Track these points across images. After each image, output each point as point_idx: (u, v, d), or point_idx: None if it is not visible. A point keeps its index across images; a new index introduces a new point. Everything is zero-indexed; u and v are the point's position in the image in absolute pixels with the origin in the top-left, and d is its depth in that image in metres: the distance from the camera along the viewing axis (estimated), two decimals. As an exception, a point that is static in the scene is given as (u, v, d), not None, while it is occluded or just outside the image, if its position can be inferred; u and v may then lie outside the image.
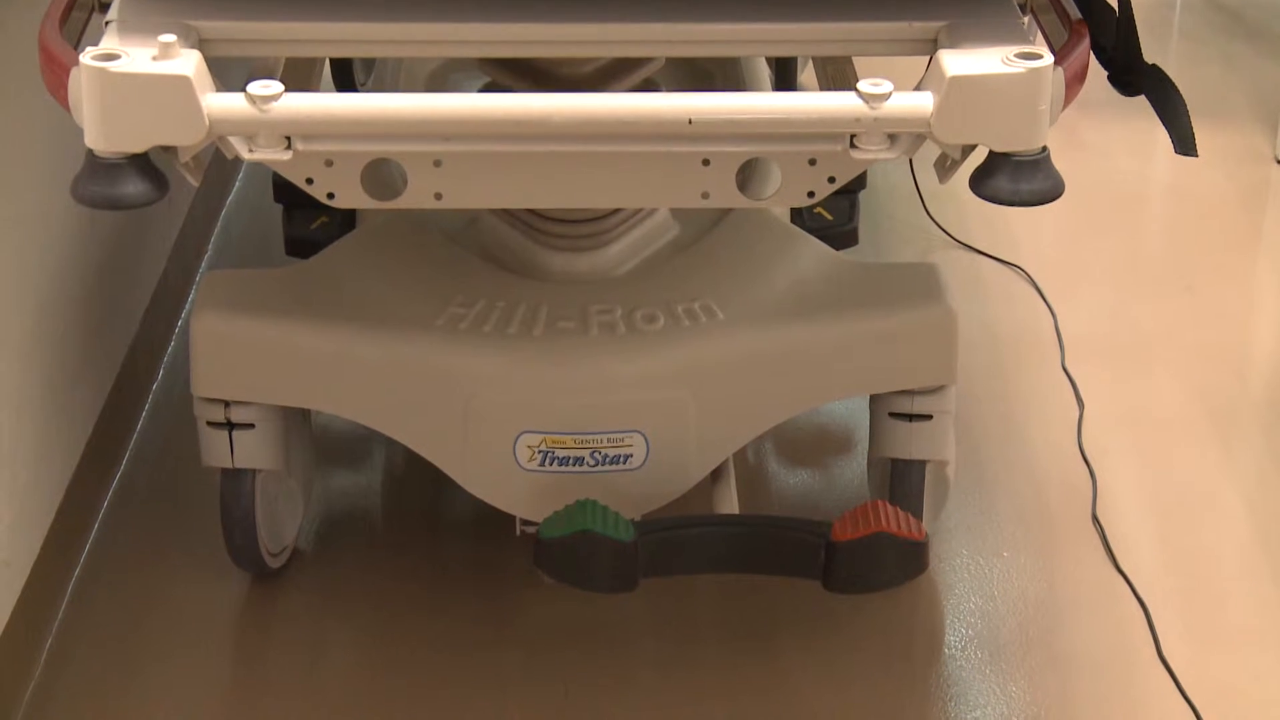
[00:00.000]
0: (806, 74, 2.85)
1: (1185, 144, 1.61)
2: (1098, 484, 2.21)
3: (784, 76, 2.53)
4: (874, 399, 1.97)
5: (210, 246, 2.70)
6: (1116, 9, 1.65)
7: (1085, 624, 2.00)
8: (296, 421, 1.99)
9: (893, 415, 1.95)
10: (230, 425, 1.89)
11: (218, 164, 2.69)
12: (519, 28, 1.56)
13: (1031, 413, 2.35)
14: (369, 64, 2.66)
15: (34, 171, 1.97)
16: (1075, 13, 1.65)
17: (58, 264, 2.05)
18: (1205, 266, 2.71)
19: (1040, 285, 2.63)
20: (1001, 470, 2.24)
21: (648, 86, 1.95)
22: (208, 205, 2.72)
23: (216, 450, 1.91)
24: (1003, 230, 2.77)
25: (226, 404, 1.89)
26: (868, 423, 2.00)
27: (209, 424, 1.90)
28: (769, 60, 2.47)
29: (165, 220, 2.49)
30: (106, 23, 1.55)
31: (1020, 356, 2.48)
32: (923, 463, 1.96)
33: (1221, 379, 2.43)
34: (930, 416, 1.94)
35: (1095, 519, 2.15)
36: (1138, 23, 1.66)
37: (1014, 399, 2.38)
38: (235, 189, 2.87)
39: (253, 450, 1.91)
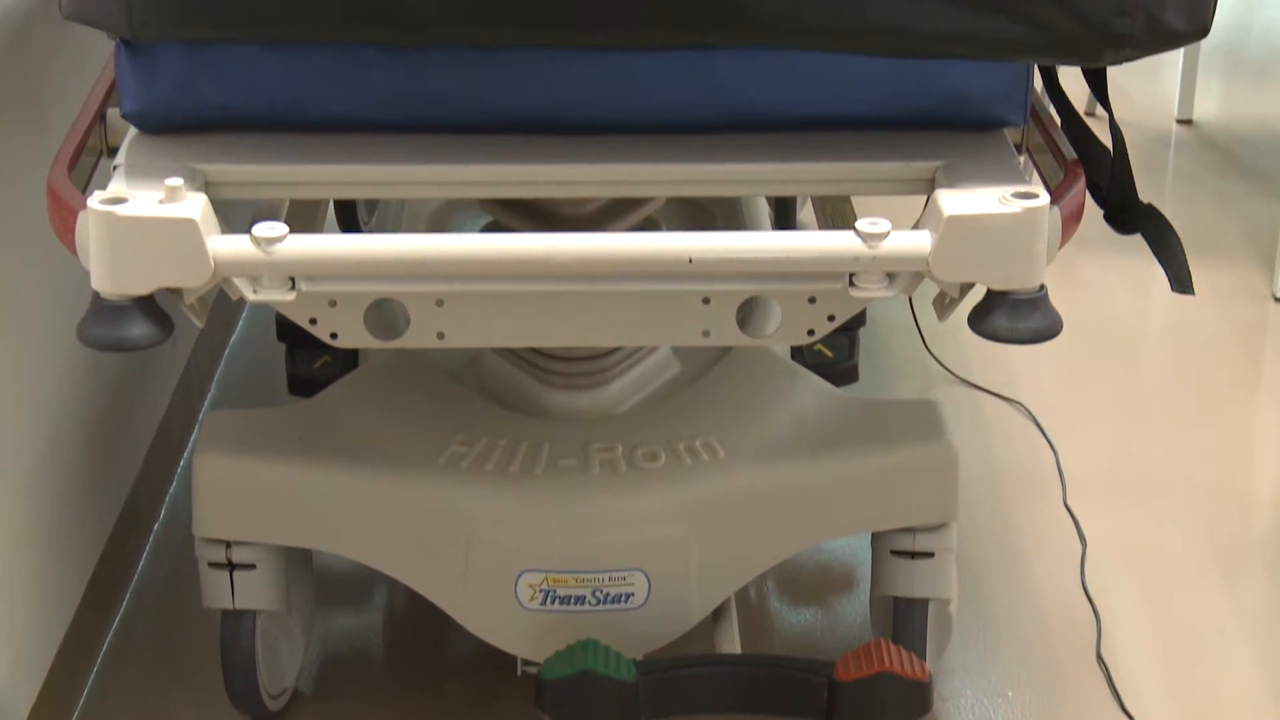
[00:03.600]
0: (805, 210, 2.87)
1: (1182, 282, 1.63)
2: (1102, 623, 2.20)
3: (783, 214, 2.55)
4: (875, 536, 1.97)
5: (214, 385, 2.71)
6: (1111, 149, 1.67)
7: (1091, 763, 1.98)
8: (298, 561, 1.99)
9: (894, 553, 1.95)
10: (231, 566, 1.89)
11: (221, 303, 2.71)
12: (520, 169, 1.58)
13: (1034, 550, 2.35)
14: (372, 204, 2.68)
15: (38, 312, 1.98)
16: (1070, 152, 1.67)
17: (61, 404, 2.06)
18: (1205, 403, 2.72)
19: (1041, 421, 2.64)
20: (1004, 609, 2.23)
21: (648, 225, 1.96)
22: (211, 344, 2.73)
23: (217, 591, 1.91)
24: (1003, 366, 2.78)
25: (228, 544, 1.89)
26: (869, 560, 2.00)
27: (210, 564, 1.90)
28: (768, 197, 2.49)
29: (169, 360, 2.50)
30: (114, 167, 1.57)
31: (1022, 493, 2.47)
32: (925, 601, 1.96)
33: (1225, 517, 2.43)
34: (932, 554, 1.94)
35: (1100, 658, 2.14)
36: (1132, 162, 1.68)
37: (1016, 536, 2.38)
38: (239, 328, 2.89)
39: (254, 591, 1.91)
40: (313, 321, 1.55)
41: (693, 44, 1.53)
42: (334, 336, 1.56)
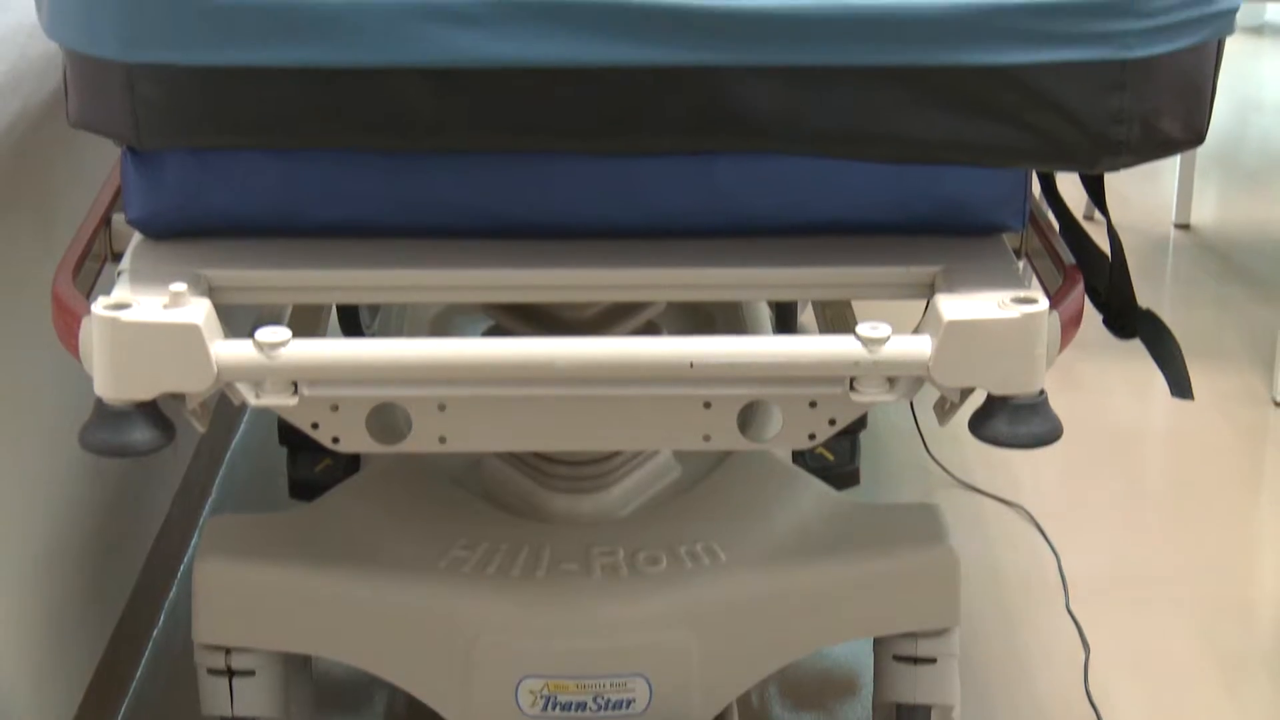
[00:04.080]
0: (807, 312, 2.88)
1: (1181, 388, 1.63)
2: (1105, 728, 2.19)
3: (784, 317, 2.56)
4: (878, 642, 1.96)
5: (214, 489, 2.71)
6: (1110, 254, 1.68)
7: None
8: (297, 668, 1.98)
9: (897, 658, 1.94)
10: (231, 672, 1.88)
11: (223, 406, 2.71)
12: (521, 274, 1.59)
13: (1037, 656, 2.34)
14: (375, 307, 2.69)
15: (40, 417, 1.98)
16: (1069, 257, 1.67)
17: (61, 507, 2.05)
18: (1207, 508, 2.71)
19: (1043, 525, 2.63)
20: (1008, 715, 2.21)
21: (649, 329, 1.97)
22: (212, 448, 2.73)
23: (217, 699, 1.90)
24: (1004, 470, 2.78)
25: (227, 650, 1.88)
26: (872, 666, 1.99)
27: (209, 671, 1.89)
28: (769, 301, 2.50)
29: (170, 464, 2.50)
30: (119, 272, 1.58)
31: (1024, 598, 2.47)
32: (928, 707, 1.94)
33: (1228, 623, 2.42)
34: (934, 660, 1.93)
35: (1104, 764, 2.13)
36: (1131, 266, 1.69)
37: (1019, 641, 2.37)
38: (240, 431, 2.89)
39: (253, 698, 1.89)
40: (314, 426, 1.55)
41: (694, 150, 1.54)
42: (336, 441, 1.56)
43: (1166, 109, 1.51)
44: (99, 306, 1.47)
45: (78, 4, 1.48)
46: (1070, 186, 1.78)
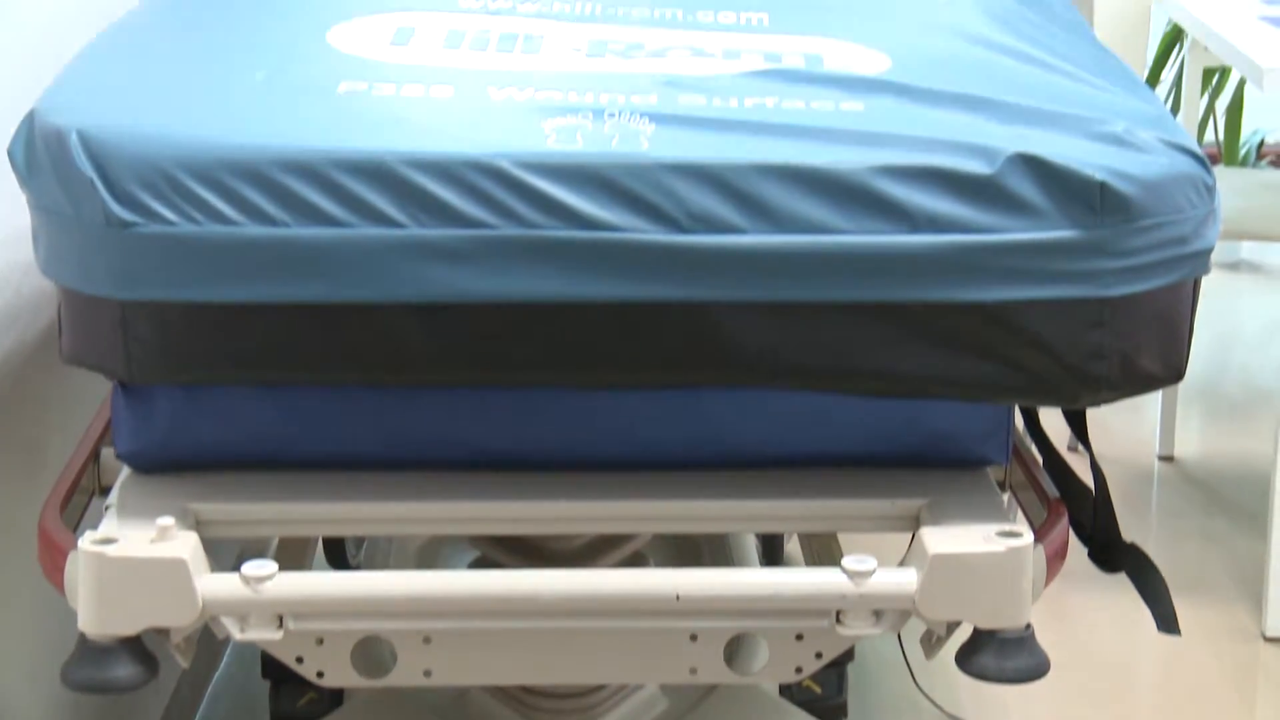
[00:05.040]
0: (792, 542, 2.88)
1: (1167, 623, 1.63)
2: None
3: (771, 547, 2.56)
4: None
5: (196, 724, 2.67)
6: (1093, 487, 1.69)
7: None
8: None
9: None
10: None
11: (206, 638, 2.69)
12: (508, 506, 1.59)
13: None
14: (360, 538, 2.69)
15: (20, 653, 1.97)
16: (1053, 491, 1.68)
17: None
18: (1198, 742, 2.69)
19: (1033, 761, 2.60)
20: None
21: (635, 560, 1.97)
22: (195, 681, 2.70)
23: None
24: (993, 702, 2.75)
25: None
26: None
27: None
28: (755, 532, 2.50)
29: (151, 699, 2.47)
30: (106, 507, 1.58)
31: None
32: None
33: None
34: None
35: None
36: (1116, 498, 1.70)
37: None
38: (223, 664, 2.86)
39: None
40: (299, 660, 1.54)
41: (680, 384, 1.56)
42: (321, 675, 1.55)
43: (1145, 346, 1.53)
44: (86, 541, 1.47)
45: (74, 244, 1.50)
46: (1053, 417, 1.80)
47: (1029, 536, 1.52)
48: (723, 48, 1.75)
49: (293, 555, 2.05)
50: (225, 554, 1.59)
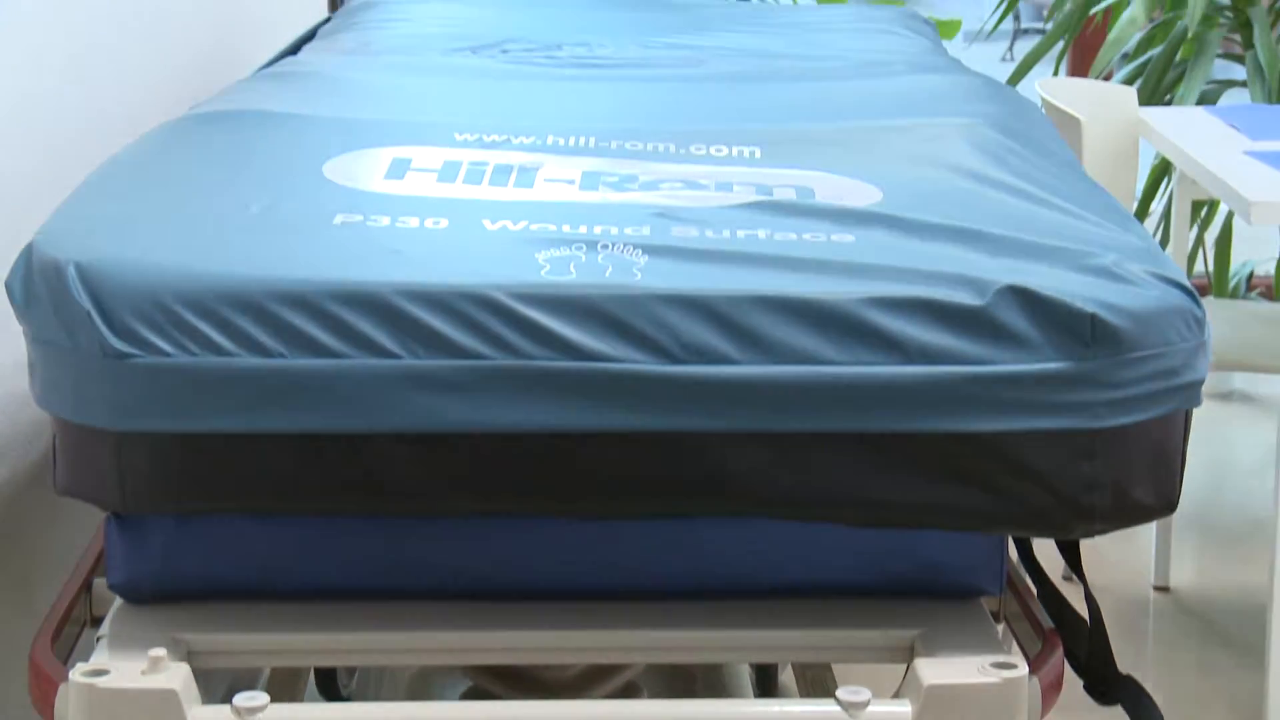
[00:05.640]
0: (787, 671, 2.86)
1: (1164, 755, 1.62)
2: None
3: (765, 677, 2.54)
4: None
5: None
6: (1088, 618, 1.69)
7: None
8: None
9: None
10: None
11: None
12: (501, 635, 1.59)
13: None
14: (353, 668, 2.67)
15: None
16: (1047, 621, 1.68)
17: None
18: None
19: None
20: None
21: (630, 689, 1.96)
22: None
23: None
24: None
25: None
26: None
27: None
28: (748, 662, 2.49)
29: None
30: (98, 638, 1.57)
31: None
32: None
33: None
34: None
35: None
36: (1111, 628, 1.70)
37: None
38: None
39: None
40: (289, 795, 1.53)
41: (672, 514, 1.56)
42: (311, 808, 1.54)
43: (1137, 477, 1.53)
44: (77, 673, 1.47)
45: (70, 375, 1.51)
46: (1047, 546, 1.80)
47: (1024, 668, 1.51)
48: (715, 180, 1.77)
49: (285, 685, 2.04)
50: (218, 683, 1.58)
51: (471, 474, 1.51)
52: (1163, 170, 4.37)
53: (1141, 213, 4.33)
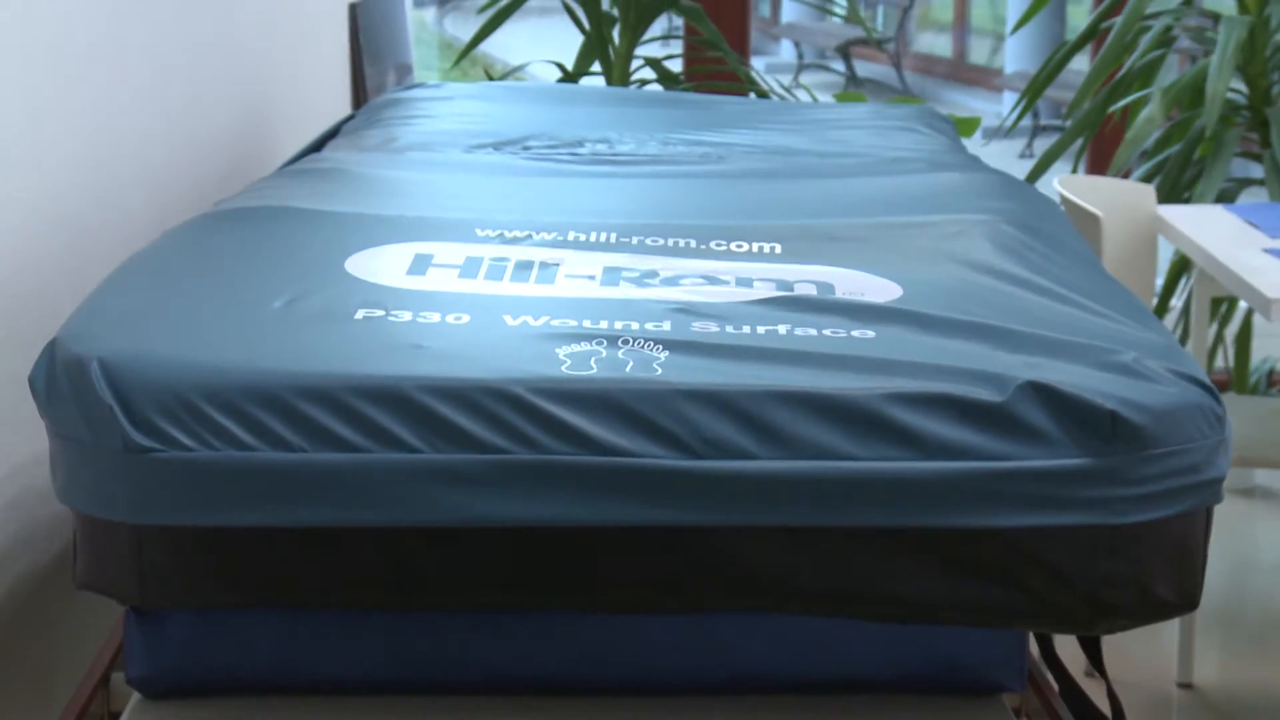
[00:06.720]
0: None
1: None
2: None
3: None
4: None
5: None
6: (1110, 715, 1.67)
7: None
8: None
9: None
10: None
11: None
12: None
13: None
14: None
15: None
16: (1070, 718, 1.67)
17: None
18: None
19: None
20: None
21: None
22: None
23: None
24: None
25: None
26: None
27: None
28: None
29: None
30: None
31: None
32: None
33: None
34: None
35: None
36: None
37: None
38: None
39: None
40: None
41: (690, 609, 1.55)
42: None
43: (1159, 574, 1.52)
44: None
45: (91, 470, 1.51)
46: (1070, 641, 1.78)
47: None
48: (736, 275, 1.77)
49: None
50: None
51: (493, 568, 1.50)
52: (1181, 267, 4.38)
53: (1161, 309, 4.33)
